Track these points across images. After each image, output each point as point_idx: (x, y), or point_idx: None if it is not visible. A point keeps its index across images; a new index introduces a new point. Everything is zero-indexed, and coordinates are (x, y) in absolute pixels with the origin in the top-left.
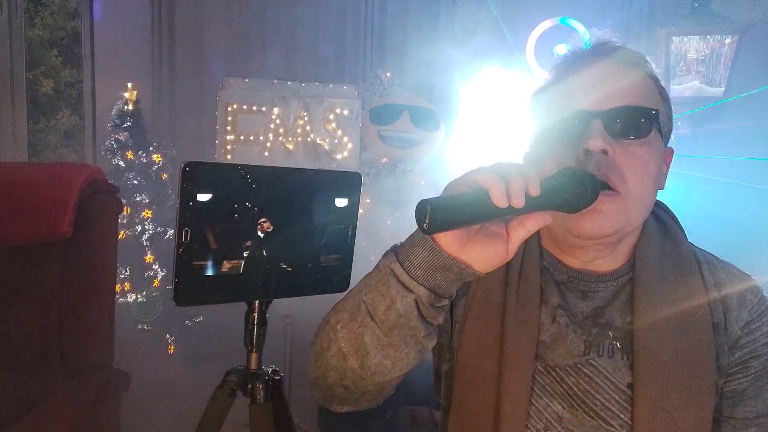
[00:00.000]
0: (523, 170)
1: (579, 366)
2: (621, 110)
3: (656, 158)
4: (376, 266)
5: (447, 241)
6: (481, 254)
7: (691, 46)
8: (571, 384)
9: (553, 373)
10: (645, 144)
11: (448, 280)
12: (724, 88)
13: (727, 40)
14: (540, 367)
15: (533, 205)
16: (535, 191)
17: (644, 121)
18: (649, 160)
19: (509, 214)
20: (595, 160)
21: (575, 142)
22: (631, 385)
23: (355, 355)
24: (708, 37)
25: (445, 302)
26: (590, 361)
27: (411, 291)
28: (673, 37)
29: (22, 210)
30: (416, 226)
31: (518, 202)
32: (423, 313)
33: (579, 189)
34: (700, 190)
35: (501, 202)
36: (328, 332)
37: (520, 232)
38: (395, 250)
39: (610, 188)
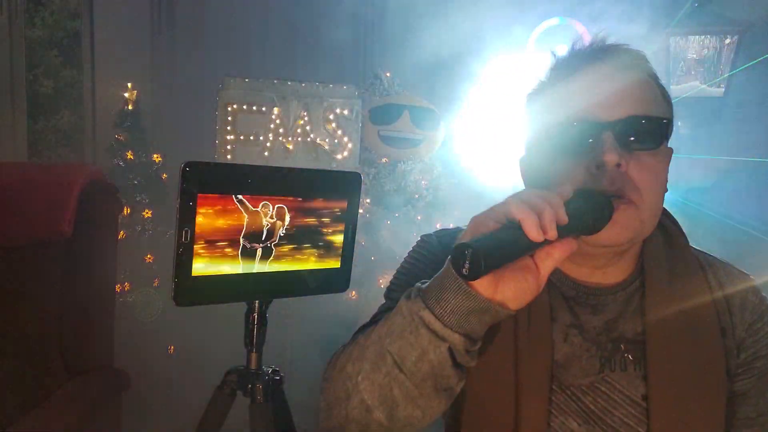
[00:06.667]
0: (548, 198)
1: (596, 384)
2: (632, 120)
3: (665, 165)
4: (399, 311)
5: (483, 282)
6: (515, 292)
7: (691, 46)
8: (588, 402)
9: (569, 392)
10: (656, 153)
11: (483, 323)
12: (724, 88)
13: (727, 40)
14: (555, 387)
15: (559, 234)
16: (563, 219)
17: (655, 131)
18: (660, 170)
19: (540, 246)
20: (609, 174)
21: (585, 154)
22: (645, 397)
23: (381, 407)
24: (708, 37)
25: (479, 345)
26: (605, 378)
27: (444, 340)
28: (673, 37)
29: (22, 210)
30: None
31: (553, 234)
32: (458, 360)
33: (597, 212)
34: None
35: (537, 236)
36: (344, 382)
37: (548, 262)
38: (421, 295)
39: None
